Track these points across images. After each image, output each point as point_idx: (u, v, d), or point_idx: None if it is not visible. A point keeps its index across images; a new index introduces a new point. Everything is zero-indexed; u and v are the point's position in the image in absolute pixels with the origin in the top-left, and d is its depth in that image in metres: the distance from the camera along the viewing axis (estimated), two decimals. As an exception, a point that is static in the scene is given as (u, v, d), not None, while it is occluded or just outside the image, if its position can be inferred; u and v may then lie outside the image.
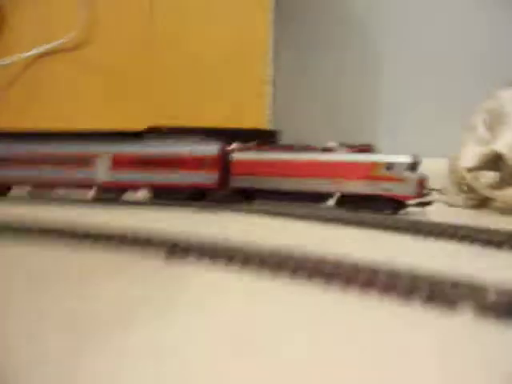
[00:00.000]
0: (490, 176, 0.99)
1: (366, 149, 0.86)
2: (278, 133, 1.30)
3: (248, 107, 1.25)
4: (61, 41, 1.16)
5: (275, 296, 0.37)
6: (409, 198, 0.81)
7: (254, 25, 1.26)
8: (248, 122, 1.24)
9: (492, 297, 0.34)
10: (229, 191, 0.90)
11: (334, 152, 0.88)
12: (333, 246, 0.53)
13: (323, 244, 0.56)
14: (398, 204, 0.82)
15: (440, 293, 0.33)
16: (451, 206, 1.01)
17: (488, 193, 0.91)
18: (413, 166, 0.82)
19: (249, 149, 0.94)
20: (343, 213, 0.78)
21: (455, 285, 0.34)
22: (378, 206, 0.83)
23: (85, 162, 0.83)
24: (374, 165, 0.83)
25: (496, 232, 0.55)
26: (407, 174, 0.81)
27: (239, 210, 0.78)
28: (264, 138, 1.27)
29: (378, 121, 1.61)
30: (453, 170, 1.02)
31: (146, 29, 1.20)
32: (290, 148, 0.90)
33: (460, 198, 1.00)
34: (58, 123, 1.13)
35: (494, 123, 0.99)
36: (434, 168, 1.26)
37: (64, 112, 1.16)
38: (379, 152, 0.88)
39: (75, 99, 1.19)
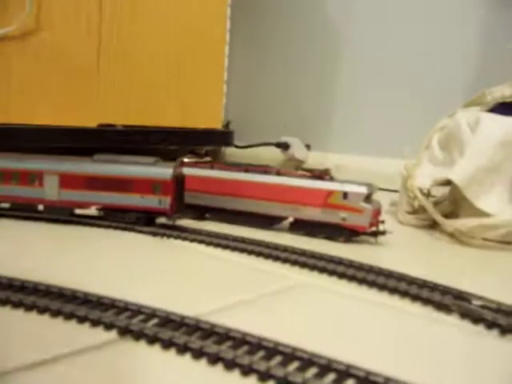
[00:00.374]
0: (442, 200, 1.01)
1: (323, 174, 0.84)
2: (231, 133, 1.28)
3: (203, 107, 1.21)
4: (8, 29, 1.09)
5: None
6: (364, 228, 0.81)
7: (211, 24, 1.21)
8: (202, 122, 1.20)
9: None
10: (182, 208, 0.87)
11: (290, 175, 0.86)
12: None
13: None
14: (351, 232, 0.82)
15: None
16: (401, 223, 1.01)
17: (439, 220, 0.91)
18: (368, 196, 0.81)
19: (202, 164, 0.92)
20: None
21: None
22: (332, 233, 0.83)
23: (32, 179, 0.79)
24: (331, 193, 0.82)
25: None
26: (363, 204, 0.80)
27: (191, 240, 0.75)
28: (218, 138, 1.25)
29: (332, 120, 1.60)
30: (405, 188, 1.02)
31: (97, 23, 1.13)
32: (245, 167, 0.88)
33: (411, 218, 1.01)
34: (4, 118, 1.07)
35: (450, 144, 0.99)
36: (388, 169, 1.27)
37: (11, 106, 1.09)
38: (336, 176, 0.87)
39: (24, 93, 1.12)
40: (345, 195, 0.81)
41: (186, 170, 0.87)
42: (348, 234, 0.82)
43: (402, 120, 1.45)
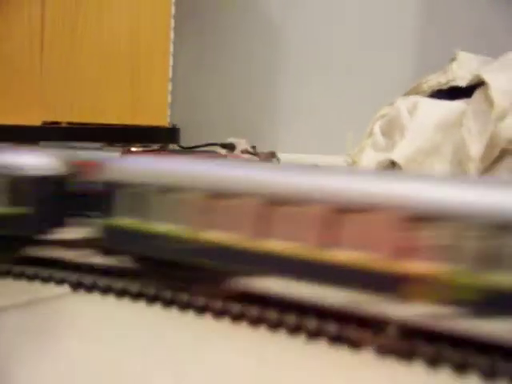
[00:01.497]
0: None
1: (270, 157, 0.86)
2: (177, 130, 1.28)
3: (149, 105, 1.21)
4: None
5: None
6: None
7: (155, 20, 1.22)
8: (148, 119, 1.21)
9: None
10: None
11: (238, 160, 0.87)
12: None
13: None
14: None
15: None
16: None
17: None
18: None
19: (149, 152, 0.92)
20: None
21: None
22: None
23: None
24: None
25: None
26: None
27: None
28: (164, 136, 1.25)
29: (278, 120, 1.62)
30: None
31: (40, 23, 1.12)
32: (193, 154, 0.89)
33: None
34: None
35: (391, 130, 1.03)
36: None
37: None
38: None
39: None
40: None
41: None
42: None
43: (345, 117, 1.48)
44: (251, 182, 0.46)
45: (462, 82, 1.02)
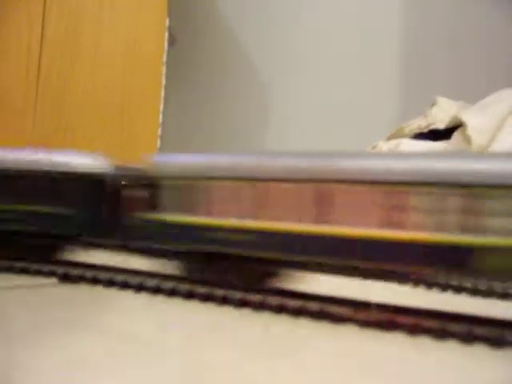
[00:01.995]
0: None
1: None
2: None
3: (138, 149, 1.24)
4: None
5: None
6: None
7: (148, 61, 1.26)
8: (139, 152, 1.23)
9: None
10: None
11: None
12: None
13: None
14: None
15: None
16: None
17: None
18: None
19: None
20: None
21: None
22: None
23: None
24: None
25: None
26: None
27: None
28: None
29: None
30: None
31: (36, 65, 1.16)
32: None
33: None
34: None
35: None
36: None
37: None
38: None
39: None
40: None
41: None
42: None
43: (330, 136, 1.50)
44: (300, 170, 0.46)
45: (442, 124, 1.06)
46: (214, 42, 1.71)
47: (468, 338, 0.36)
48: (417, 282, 0.57)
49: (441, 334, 0.37)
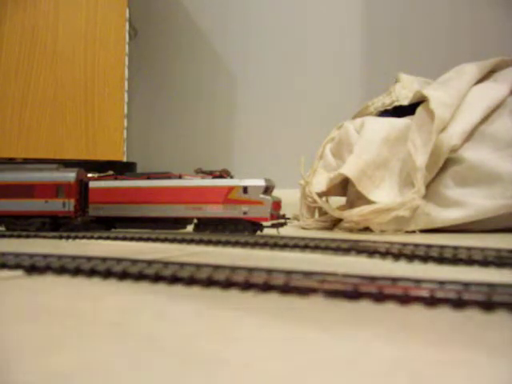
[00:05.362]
0: (338, 199, 1.06)
1: (222, 174, 0.88)
2: (134, 164, 1.30)
3: (105, 140, 1.23)
4: None
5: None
6: (265, 219, 0.84)
7: (110, 62, 1.25)
8: (105, 155, 1.22)
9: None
10: (88, 220, 0.87)
11: (191, 178, 0.89)
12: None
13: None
14: (255, 225, 0.85)
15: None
16: (304, 228, 1.05)
17: (337, 214, 0.96)
18: (267, 189, 0.85)
19: (106, 177, 0.93)
20: (201, 234, 0.78)
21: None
22: (236, 228, 0.85)
23: None
24: (231, 189, 0.85)
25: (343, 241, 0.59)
26: (263, 197, 0.83)
27: (96, 238, 0.75)
28: (121, 169, 1.26)
29: (232, 152, 1.65)
30: (304, 196, 1.07)
31: None
32: (148, 176, 0.90)
33: (312, 221, 1.05)
34: None
35: (341, 151, 1.06)
36: (286, 198, 1.32)
37: None
38: (235, 178, 0.90)
39: None
40: (245, 190, 0.84)
41: (90, 184, 0.88)
42: (251, 227, 0.85)
43: (298, 143, 1.51)
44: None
45: (405, 101, 1.07)
46: (175, 32, 1.70)
47: (431, 301, 0.37)
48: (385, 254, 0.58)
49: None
